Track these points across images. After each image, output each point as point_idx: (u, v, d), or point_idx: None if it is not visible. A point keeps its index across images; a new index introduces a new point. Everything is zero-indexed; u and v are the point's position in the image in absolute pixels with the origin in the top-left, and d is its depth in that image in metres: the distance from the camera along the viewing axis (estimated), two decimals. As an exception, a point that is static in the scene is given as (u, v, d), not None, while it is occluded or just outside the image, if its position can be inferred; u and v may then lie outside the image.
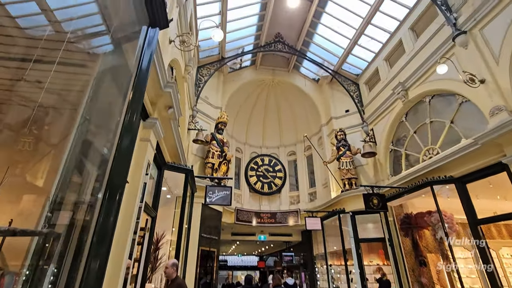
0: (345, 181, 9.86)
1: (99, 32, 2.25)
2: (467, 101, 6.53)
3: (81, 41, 2.12)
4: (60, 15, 1.81)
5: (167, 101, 4.02)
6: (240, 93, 12.62)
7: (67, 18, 1.91)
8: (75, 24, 2.06)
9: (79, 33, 2.10)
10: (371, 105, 10.39)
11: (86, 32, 2.16)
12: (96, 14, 2.04)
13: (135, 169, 3.54)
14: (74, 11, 2.03)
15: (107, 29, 2.25)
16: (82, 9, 1.96)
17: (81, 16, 1.94)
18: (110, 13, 2.18)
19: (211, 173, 9.34)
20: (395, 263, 7.90)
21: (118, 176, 1.78)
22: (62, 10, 1.84)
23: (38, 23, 1.68)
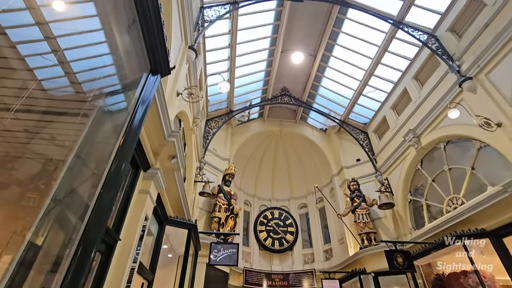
0: (363, 236, 9.03)
1: (99, 79, 2.23)
2: (486, 145, 6.20)
3: (79, 89, 2.07)
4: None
5: (170, 151, 3.89)
6: (248, 145, 12.65)
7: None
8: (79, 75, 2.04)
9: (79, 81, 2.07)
10: (382, 153, 10.10)
11: (85, 79, 2.14)
12: (95, 57, 2.02)
13: (130, 224, 3.23)
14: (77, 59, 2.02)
15: (108, 75, 2.23)
16: (82, 53, 1.95)
17: (80, 58, 1.92)
18: (112, 60, 2.18)
19: (218, 228, 8.78)
20: (432, 337, 6.65)
21: (94, 230, 1.51)
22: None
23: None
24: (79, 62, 1.99)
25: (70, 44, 1.96)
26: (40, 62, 1.84)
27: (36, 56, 1.81)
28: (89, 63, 1.99)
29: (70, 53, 1.94)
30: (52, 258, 1.87)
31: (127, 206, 3.15)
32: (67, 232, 1.95)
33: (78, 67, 1.92)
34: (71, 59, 1.95)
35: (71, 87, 2.09)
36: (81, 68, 1.90)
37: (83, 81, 2.12)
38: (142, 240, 3.48)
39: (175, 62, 4.85)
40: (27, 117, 1.95)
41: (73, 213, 1.97)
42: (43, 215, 1.66)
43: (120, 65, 2.09)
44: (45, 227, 1.78)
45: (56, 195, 1.77)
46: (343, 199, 10.76)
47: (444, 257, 7.02)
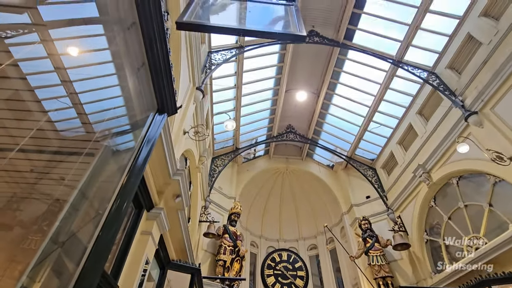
0: (379, 280, 8.35)
1: (107, 120, 2.27)
2: (501, 180, 5.97)
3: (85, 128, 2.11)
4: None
5: (175, 190, 3.82)
6: (254, 183, 12.47)
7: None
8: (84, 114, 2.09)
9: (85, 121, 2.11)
10: (393, 190, 9.79)
11: (93, 119, 2.18)
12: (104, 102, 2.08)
13: (131, 267, 3.05)
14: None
15: (116, 116, 2.27)
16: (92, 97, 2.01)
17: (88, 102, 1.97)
18: (120, 101, 2.25)
19: (223, 272, 8.26)
20: None
21: (90, 276, 1.40)
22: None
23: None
24: (88, 104, 2.05)
25: (82, 88, 2.04)
26: (54, 104, 1.89)
27: (52, 99, 1.87)
28: (97, 104, 2.04)
29: (81, 96, 2.01)
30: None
31: (128, 248, 3.00)
32: (62, 279, 1.83)
33: (87, 107, 1.97)
34: (82, 101, 2.01)
35: (81, 126, 2.13)
36: (88, 108, 1.95)
37: (93, 122, 2.16)
38: (142, 286, 3.25)
39: (183, 102, 5.01)
40: (36, 157, 1.95)
41: (69, 257, 1.87)
42: (39, 258, 1.57)
43: (128, 105, 2.14)
44: (40, 271, 1.68)
45: (54, 236, 1.69)
46: (354, 240, 10.19)
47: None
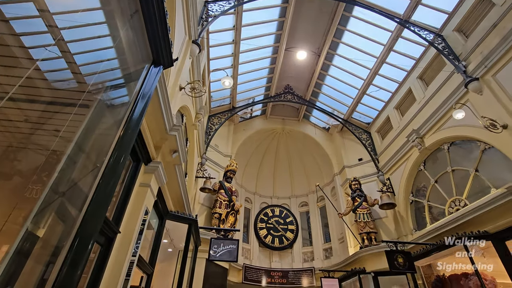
0: (364, 235, 9.00)
1: (100, 72, 2.20)
2: (491, 147, 6.13)
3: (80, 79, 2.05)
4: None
5: (172, 145, 3.87)
6: (250, 142, 12.62)
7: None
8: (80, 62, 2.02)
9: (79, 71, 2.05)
10: (385, 153, 10.04)
11: (87, 70, 2.11)
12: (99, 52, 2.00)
13: (131, 217, 3.22)
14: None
15: (110, 68, 2.20)
16: (83, 46, 1.92)
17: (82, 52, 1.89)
18: (115, 52, 2.16)
19: (218, 224, 8.78)
20: (431, 338, 6.63)
21: (92, 221, 1.49)
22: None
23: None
24: (79, 54, 1.97)
25: (71, 37, 1.93)
26: (43, 54, 1.81)
27: (39, 48, 1.79)
28: (89, 55, 1.96)
29: (71, 45, 1.92)
30: (51, 248, 1.86)
31: (127, 199, 3.14)
32: (66, 223, 1.94)
33: (78, 58, 1.90)
34: (72, 51, 1.93)
35: (72, 77, 2.07)
36: (80, 59, 1.88)
37: (85, 74, 2.10)
38: (142, 234, 3.47)
39: (178, 56, 4.82)
40: (28, 107, 1.93)
41: (72, 204, 1.96)
42: (41, 206, 1.65)
43: (121, 56, 2.07)
44: (44, 217, 1.77)
45: (54, 185, 1.75)
46: (344, 199, 10.73)
47: (445, 258, 6.98)
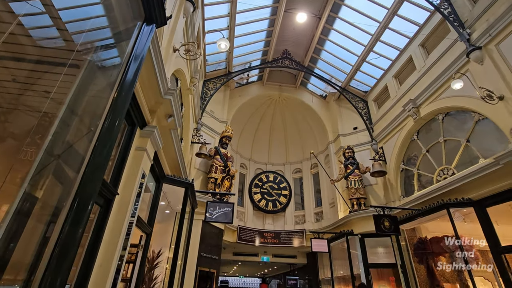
0: (354, 201, 9.40)
1: (90, 29, 2.08)
2: (484, 118, 6.19)
3: (69, 38, 1.94)
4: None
5: (167, 109, 3.81)
6: (246, 108, 12.51)
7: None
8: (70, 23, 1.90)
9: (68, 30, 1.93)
10: (380, 122, 10.09)
11: (75, 28, 1.99)
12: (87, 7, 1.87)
13: (128, 180, 3.28)
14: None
15: (100, 26, 2.08)
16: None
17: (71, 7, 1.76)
18: (104, 9, 2.02)
19: (214, 188, 9.02)
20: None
21: (91, 183, 1.52)
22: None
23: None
24: (64, 10, 1.84)
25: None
26: (24, 8, 1.69)
27: (20, 1, 1.66)
28: (75, 11, 1.83)
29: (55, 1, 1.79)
30: (50, 209, 1.91)
31: (124, 162, 3.17)
32: (64, 185, 1.97)
33: (64, 15, 1.77)
34: (56, 6, 1.80)
35: (59, 35, 1.96)
36: (66, 15, 1.76)
37: (72, 32, 1.99)
38: (140, 196, 3.56)
39: (171, 14, 4.54)
40: (15, 66, 1.85)
41: (69, 166, 1.97)
42: (38, 168, 1.66)
43: (111, 13, 1.94)
44: (41, 179, 1.79)
45: (49, 148, 1.75)
46: (337, 166, 10.99)
47: (428, 223, 7.41)
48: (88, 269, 2.55)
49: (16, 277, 1.62)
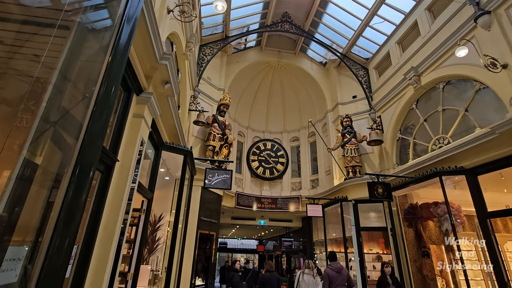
0: (349, 168, 9.61)
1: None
2: (485, 87, 6.12)
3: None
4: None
5: (163, 75, 3.70)
6: (244, 75, 12.20)
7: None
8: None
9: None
10: (380, 91, 9.96)
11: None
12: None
13: (127, 147, 3.29)
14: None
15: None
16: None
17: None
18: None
19: (212, 156, 9.12)
20: (396, 253, 7.76)
21: (91, 149, 1.52)
22: None
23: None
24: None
25: None
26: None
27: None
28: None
29: None
30: (52, 175, 1.94)
31: (122, 129, 3.16)
32: (64, 151, 1.97)
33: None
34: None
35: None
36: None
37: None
38: (139, 163, 3.61)
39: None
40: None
41: (67, 133, 1.96)
42: (35, 134, 1.65)
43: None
44: (39, 146, 1.79)
45: (45, 115, 1.72)
46: (334, 135, 11.06)
47: (420, 190, 7.67)
48: (94, 231, 2.66)
49: (24, 238, 1.69)
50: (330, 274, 5.14)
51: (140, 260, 4.55)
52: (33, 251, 1.61)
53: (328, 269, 5.24)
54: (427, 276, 7.12)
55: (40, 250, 1.43)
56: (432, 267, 7.09)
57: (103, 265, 2.83)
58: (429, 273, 7.10)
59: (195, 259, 7.51)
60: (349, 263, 8.85)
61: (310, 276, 5.52)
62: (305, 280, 5.46)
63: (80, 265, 2.50)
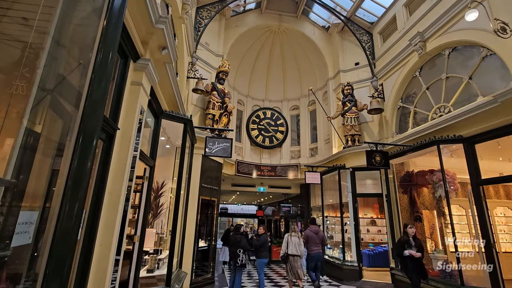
0: (348, 137, 9.67)
1: None
2: (492, 54, 5.94)
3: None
4: None
5: (160, 41, 3.56)
6: (243, 41, 11.73)
7: None
8: None
9: None
10: (383, 57, 9.67)
11: None
12: None
13: (127, 115, 3.28)
14: None
15: None
16: None
17: None
18: None
19: (212, 124, 9.12)
20: (390, 217, 8.11)
21: (93, 118, 1.53)
22: None
23: None
24: None
25: None
26: None
27: None
28: None
29: None
30: (55, 144, 1.96)
31: (120, 97, 3.12)
32: (65, 120, 1.97)
33: None
34: None
35: None
36: None
37: None
38: (140, 132, 3.62)
39: None
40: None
41: (67, 101, 1.95)
42: (34, 102, 1.64)
43: None
44: (39, 114, 1.78)
45: (41, 83, 1.70)
46: (335, 103, 10.96)
47: (417, 158, 7.80)
48: (99, 197, 2.75)
49: (32, 204, 1.76)
50: (309, 234, 7.02)
51: (145, 223, 4.77)
52: (42, 216, 1.69)
53: (308, 231, 7.15)
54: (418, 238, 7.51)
55: (51, 215, 1.50)
56: (423, 230, 7.47)
57: (110, 228, 2.98)
58: (420, 235, 7.49)
59: (198, 223, 7.85)
60: (344, 227, 9.30)
61: (296, 237, 6.82)
62: (292, 240, 6.75)
63: (89, 228, 2.62)
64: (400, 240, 5.78)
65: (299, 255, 6.61)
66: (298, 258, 6.59)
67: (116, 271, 3.25)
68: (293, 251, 6.60)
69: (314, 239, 6.92)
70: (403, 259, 5.48)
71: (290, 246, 6.69)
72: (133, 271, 4.28)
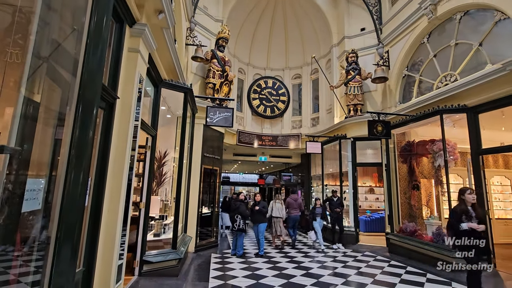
0: (351, 107, 9.55)
1: None
2: (506, 18, 5.64)
3: None
4: None
5: (156, 4, 3.38)
6: (243, 4, 11.12)
7: None
8: None
9: None
10: (391, 22, 9.20)
11: None
12: None
13: (126, 83, 3.22)
14: None
15: None
16: None
17: None
18: None
19: (212, 93, 8.98)
20: (388, 186, 8.28)
21: (92, 86, 1.50)
22: None
23: None
24: None
25: None
26: None
27: None
28: None
29: None
30: (54, 113, 1.95)
31: (118, 65, 3.05)
32: (63, 89, 1.94)
33: None
34: None
35: None
36: None
37: None
38: (140, 101, 3.58)
39: None
40: None
41: (63, 68, 1.90)
42: (30, 71, 1.60)
43: None
44: (36, 83, 1.75)
45: (35, 50, 1.65)
46: (338, 72, 10.67)
47: (419, 128, 7.77)
48: (104, 165, 2.81)
49: (38, 172, 1.80)
50: (289, 201, 8.57)
51: (150, 191, 4.92)
52: (49, 183, 1.74)
53: (289, 198, 8.71)
54: (414, 205, 7.76)
55: (58, 182, 1.54)
56: (420, 198, 7.67)
57: (116, 195, 3.08)
58: (416, 203, 7.72)
59: (201, 191, 8.08)
60: (344, 194, 9.55)
61: (279, 203, 8.30)
62: (276, 205, 8.23)
63: (96, 195, 2.71)
64: (456, 210, 4.05)
65: (281, 217, 8.11)
66: (280, 219, 8.12)
67: (124, 235, 3.42)
68: (276, 214, 8.09)
69: (293, 204, 8.50)
70: (458, 234, 3.82)
71: (274, 210, 8.16)
72: (141, 235, 4.50)
